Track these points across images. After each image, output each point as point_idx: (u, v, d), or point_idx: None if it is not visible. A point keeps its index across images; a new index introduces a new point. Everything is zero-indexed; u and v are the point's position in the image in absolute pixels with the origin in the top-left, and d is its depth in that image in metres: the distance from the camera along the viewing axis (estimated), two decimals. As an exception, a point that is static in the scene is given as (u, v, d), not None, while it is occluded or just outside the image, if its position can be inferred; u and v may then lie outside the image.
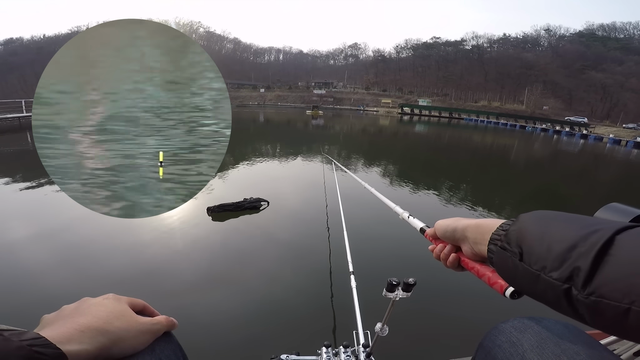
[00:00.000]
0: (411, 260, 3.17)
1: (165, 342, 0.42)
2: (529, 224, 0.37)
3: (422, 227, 0.65)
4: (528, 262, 0.34)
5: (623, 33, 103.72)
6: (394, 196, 5.65)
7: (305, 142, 14.34)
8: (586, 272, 0.28)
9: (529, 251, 0.35)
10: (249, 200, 4.31)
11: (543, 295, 0.34)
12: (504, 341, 0.44)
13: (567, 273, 0.30)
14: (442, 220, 0.54)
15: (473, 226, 0.47)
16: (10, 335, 0.28)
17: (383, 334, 0.85)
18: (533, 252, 0.34)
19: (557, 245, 0.32)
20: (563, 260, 0.31)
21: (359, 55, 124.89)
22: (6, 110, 15.22)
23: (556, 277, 0.31)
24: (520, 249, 0.36)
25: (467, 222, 0.48)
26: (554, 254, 0.32)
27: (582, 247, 0.30)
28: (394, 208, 0.89)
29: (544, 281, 0.32)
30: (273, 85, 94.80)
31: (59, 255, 3.00)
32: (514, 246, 0.36)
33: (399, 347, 1.83)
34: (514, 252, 0.36)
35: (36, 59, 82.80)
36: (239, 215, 4.14)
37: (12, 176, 5.66)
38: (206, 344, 1.95)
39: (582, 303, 0.28)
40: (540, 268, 0.33)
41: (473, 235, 0.46)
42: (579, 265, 0.29)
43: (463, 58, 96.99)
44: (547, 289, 0.32)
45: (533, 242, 0.35)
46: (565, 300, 0.30)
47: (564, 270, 0.30)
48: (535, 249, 0.34)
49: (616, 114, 66.37)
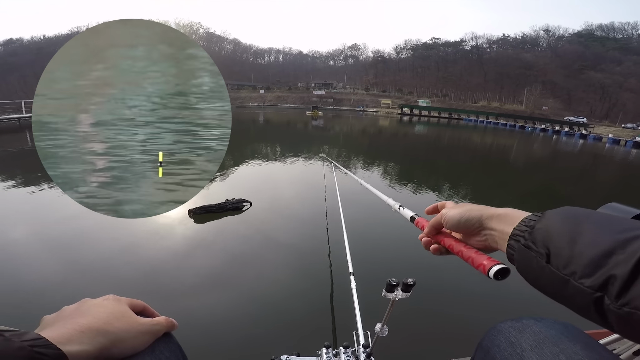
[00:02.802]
0: (410, 260, 3.17)
1: (165, 342, 0.42)
2: (557, 223, 0.34)
3: (412, 216, 0.64)
4: (556, 266, 0.32)
5: (621, 33, 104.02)
6: (394, 197, 5.63)
7: (305, 143, 14.35)
8: (623, 281, 0.27)
9: (557, 253, 0.33)
10: (231, 201, 4.29)
11: (570, 301, 0.32)
12: (502, 341, 0.44)
13: (601, 281, 0.28)
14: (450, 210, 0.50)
15: (493, 217, 0.44)
16: (11, 336, 0.29)
17: (383, 334, 0.85)
18: (562, 255, 0.32)
19: (591, 250, 0.30)
20: (597, 267, 0.29)
21: (358, 56, 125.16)
22: (6, 111, 15.24)
23: (588, 284, 0.29)
24: (548, 250, 0.33)
25: (485, 212, 0.45)
26: (587, 259, 0.30)
27: (620, 254, 0.28)
28: (387, 200, 0.89)
29: (573, 287, 0.30)
30: (273, 86, 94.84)
31: (58, 256, 2.99)
32: (540, 246, 0.34)
33: (398, 347, 1.83)
34: (540, 253, 0.34)
35: (36, 60, 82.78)
36: (231, 215, 4.15)
37: (11, 177, 5.65)
38: (206, 345, 1.94)
39: (613, 313, 0.27)
40: (570, 273, 0.31)
41: (493, 226, 0.43)
42: (615, 273, 0.27)
43: (462, 58, 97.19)
44: (575, 295, 0.30)
45: (562, 244, 0.33)
46: (595, 308, 0.29)
47: (598, 278, 0.28)
48: (564, 251, 0.32)
49: (615, 113, 66.51)
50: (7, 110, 15.35)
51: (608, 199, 0.44)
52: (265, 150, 11.15)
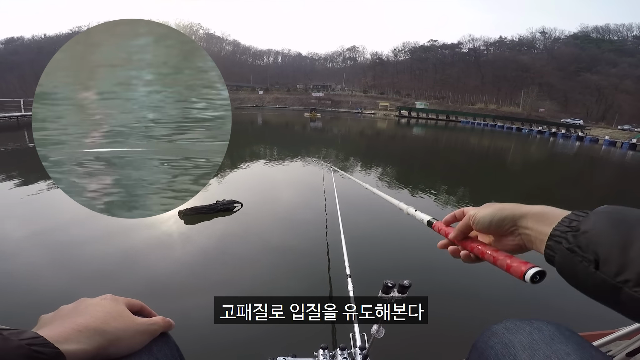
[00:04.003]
0: (407, 262, 3.18)
1: (163, 342, 0.43)
2: (605, 226, 0.33)
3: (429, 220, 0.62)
4: (607, 273, 0.31)
5: (617, 35, 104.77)
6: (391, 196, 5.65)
7: (303, 144, 14.36)
8: None
9: (607, 259, 0.31)
10: (221, 202, 4.28)
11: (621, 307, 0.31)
12: (496, 342, 0.44)
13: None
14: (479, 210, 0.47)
15: (531, 216, 0.41)
16: (9, 335, 0.29)
17: (379, 336, 0.85)
18: (613, 262, 0.30)
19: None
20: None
21: (357, 58, 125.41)
22: (4, 109, 15.18)
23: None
24: (597, 255, 0.32)
25: (521, 210, 0.42)
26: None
27: None
28: (398, 204, 0.89)
29: (627, 295, 0.29)
30: (271, 87, 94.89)
31: (56, 256, 2.99)
32: (588, 252, 0.32)
33: (395, 348, 1.83)
34: (588, 259, 0.32)
35: (36, 59, 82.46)
36: (222, 216, 4.15)
37: (9, 175, 5.62)
38: (203, 345, 1.94)
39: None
40: (624, 281, 0.29)
41: (531, 225, 0.41)
42: None
43: (460, 61, 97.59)
44: (628, 302, 0.29)
45: (613, 250, 0.31)
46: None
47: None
48: (616, 258, 0.30)
49: (611, 115, 66.97)
50: (5, 109, 15.28)
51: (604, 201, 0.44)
52: (263, 151, 11.16)
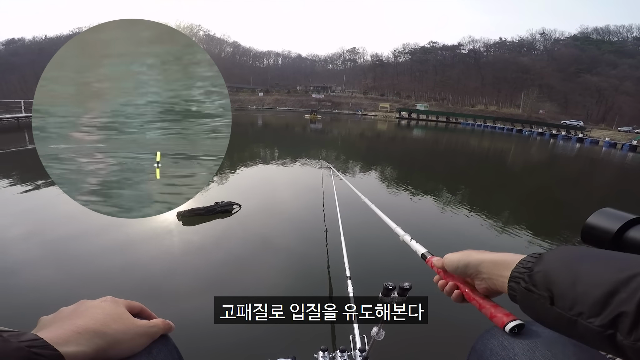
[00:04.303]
0: (407, 264, 3.17)
1: (162, 344, 0.43)
2: (556, 266, 0.35)
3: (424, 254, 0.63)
4: (561, 307, 0.33)
5: (617, 36, 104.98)
6: (392, 200, 5.67)
7: (304, 146, 14.37)
8: (632, 318, 0.27)
9: (561, 295, 0.33)
10: (220, 204, 4.28)
11: (581, 338, 0.33)
12: (495, 344, 0.44)
13: (610, 319, 0.29)
14: (451, 254, 0.52)
15: (488, 262, 0.46)
16: (9, 337, 0.29)
17: (379, 338, 0.85)
18: (566, 297, 0.33)
19: (595, 290, 0.31)
20: (604, 306, 0.29)
21: (357, 59, 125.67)
22: (5, 110, 15.18)
23: (597, 324, 0.30)
24: (550, 292, 0.34)
25: (482, 257, 0.47)
26: (592, 299, 0.30)
27: (623, 292, 0.29)
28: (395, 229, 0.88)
29: (583, 326, 0.31)
30: (272, 89, 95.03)
31: (55, 257, 2.98)
32: (542, 289, 0.35)
33: (394, 350, 1.83)
34: (543, 296, 0.35)
35: (37, 60, 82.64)
36: (221, 217, 4.14)
37: (8, 177, 5.63)
38: (202, 347, 1.94)
39: (629, 348, 0.28)
40: (577, 314, 0.31)
41: (488, 271, 0.45)
42: (624, 310, 0.28)
43: (460, 62, 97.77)
44: (586, 333, 0.31)
45: (565, 287, 0.33)
46: (609, 343, 0.29)
47: (606, 317, 0.29)
48: (568, 293, 0.33)
49: (611, 117, 67.03)
50: (6, 110, 15.29)
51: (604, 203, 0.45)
52: (263, 153, 11.17)
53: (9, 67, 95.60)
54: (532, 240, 4.14)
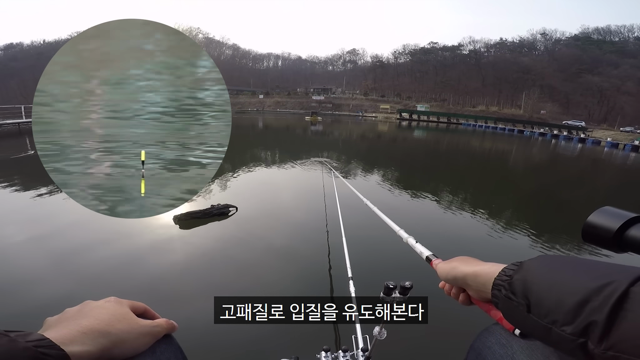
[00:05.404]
0: (408, 263, 3.17)
1: (166, 344, 0.43)
2: (534, 274, 0.36)
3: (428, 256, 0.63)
4: (537, 315, 0.33)
5: (618, 36, 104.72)
6: (394, 201, 5.67)
7: (304, 148, 14.39)
8: (602, 327, 0.27)
9: (537, 303, 0.34)
10: (216, 206, 4.29)
11: (556, 346, 0.33)
12: (494, 342, 0.45)
13: (581, 328, 0.29)
14: (442, 264, 0.54)
15: (471, 275, 0.46)
16: (16, 337, 0.29)
17: (381, 337, 0.85)
18: (542, 305, 0.33)
19: (568, 298, 0.31)
20: (576, 315, 0.30)
21: (357, 61, 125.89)
22: (5, 116, 15.22)
23: (570, 332, 0.30)
24: (528, 300, 0.35)
25: (466, 271, 0.48)
26: (566, 307, 0.31)
27: (595, 301, 0.29)
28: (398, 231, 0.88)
29: (556, 334, 0.31)
30: (272, 91, 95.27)
31: (58, 260, 3.00)
32: (520, 297, 0.35)
33: (396, 350, 1.83)
34: (521, 304, 0.35)
35: (36, 65, 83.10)
36: (217, 220, 4.14)
37: (10, 182, 5.66)
38: (206, 347, 1.94)
39: (599, 357, 0.28)
40: (551, 322, 0.32)
41: (474, 283, 0.46)
42: (595, 319, 0.28)
43: (460, 63, 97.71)
44: (560, 341, 0.31)
45: (541, 294, 0.34)
46: (581, 352, 0.29)
47: (578, 325, 0.29)
48: (544, 301, 0.33)
49: (613, 117, 66.82)
50: (6, 115, 15.34)
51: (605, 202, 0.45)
52: (264, 154, 11.19)
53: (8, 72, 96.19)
54: (534, 240, 4.13)
